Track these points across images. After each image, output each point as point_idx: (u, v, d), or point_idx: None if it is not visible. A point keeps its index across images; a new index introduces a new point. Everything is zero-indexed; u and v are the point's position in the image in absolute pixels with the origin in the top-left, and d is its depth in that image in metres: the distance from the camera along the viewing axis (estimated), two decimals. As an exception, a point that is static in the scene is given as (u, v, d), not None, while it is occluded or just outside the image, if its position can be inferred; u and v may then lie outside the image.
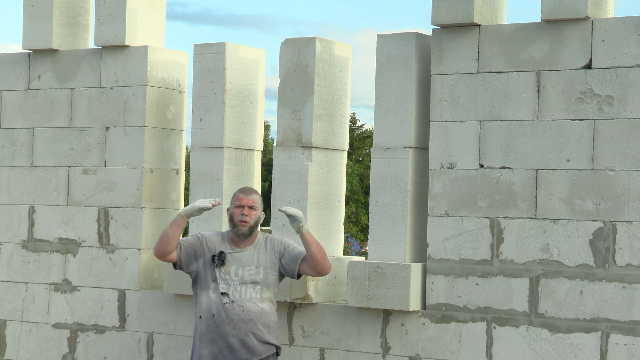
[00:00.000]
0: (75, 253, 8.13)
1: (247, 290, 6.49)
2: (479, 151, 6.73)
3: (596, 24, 6.44)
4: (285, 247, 6.62)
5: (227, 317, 6.44)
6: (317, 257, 6.51)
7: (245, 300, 6.46)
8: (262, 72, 7.90)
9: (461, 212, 6.76)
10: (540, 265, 6.54)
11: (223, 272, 6.50)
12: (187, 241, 6.61)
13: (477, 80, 6.75)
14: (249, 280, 6.49)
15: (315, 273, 6.59)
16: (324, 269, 6.57)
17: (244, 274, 6.50)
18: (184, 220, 6.53)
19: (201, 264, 6.56)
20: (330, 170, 7.44)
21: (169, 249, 6.54)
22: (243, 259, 6.53)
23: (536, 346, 6.54)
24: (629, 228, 6.32)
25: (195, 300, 6.61)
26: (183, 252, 6.58)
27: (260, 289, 6.50)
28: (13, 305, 8.40)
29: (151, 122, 7.94)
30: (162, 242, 6.53)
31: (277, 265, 6.58)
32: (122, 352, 7.94)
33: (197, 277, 6.60)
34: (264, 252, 6.57)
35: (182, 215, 6.53)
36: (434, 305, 6.84)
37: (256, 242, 6.60)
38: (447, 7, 6.75)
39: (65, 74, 8.24)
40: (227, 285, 6.48)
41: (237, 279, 6.48)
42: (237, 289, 6.48)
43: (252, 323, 6.46)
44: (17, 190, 8.40)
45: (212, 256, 6.54)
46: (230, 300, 6.45)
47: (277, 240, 6.65)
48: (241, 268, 6.50)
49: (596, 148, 6.41)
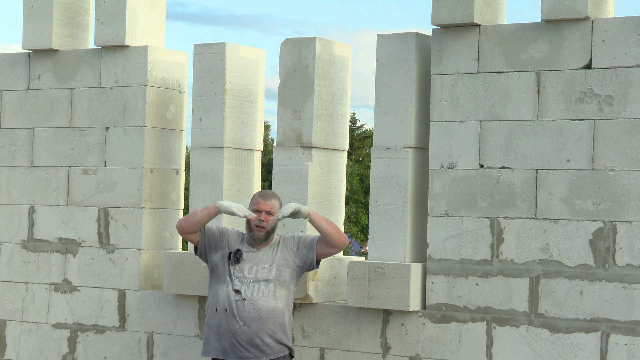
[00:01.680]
0: (75, 253, 8.13)
1: (260, 288, 6.48)
2: (479, 151, 6.73)
3: (596, 24, 6.44)
4: (298, 239, 6.63)
5: (238, 315, 6.44)
6: (330, 232, 6.50)
7: (257, 299, 6.46)
8: (262, 72, 7.90)
9: (461, 212, 6.76)
10: (540, 265, 6.54)
11: (237, 270, 6.51)
12: (211, 230, 6.67)
13: (477, 80, 6.75)
14: (262, 278, 6.49)
15: (333, 249, 6.57)
16: (342, 241, 6.56)
17: (258, 271, 6.50)
18: (216, 212, 6.57)
19: (219, 258, 6.59)
20: (330, 170, 7.44)
21: (191, 229, 6.63)
22: (258, 258, 6.55)
23: (536, 346, 6.54)
24: (629, 228, 6.32)
25: (210, 292, 6.61)
26: (205, 239, 6.65)
27: (273, 286, 6.49)
28: (13, 305, 8.40)
29: (151, 122, 7.94)
30: (187, 221, 6.63)
31: (292, 261, 6.56)
32: (122, 352, 7.94)
33: (214, 270, 6.61)
34: (279, 251, 6.58)
35: (218, 206, 6.56)
36: (434, 305, 6.84)
37: (272, 243, 6.63)
38: (447, 7, 6.75)
39: (65, 74, 8.24)
40: (241, 283, 6.48)
41: (250, 277, 6.49)
42: (250, 287, 6.47)
43: (263, 322, 6.44)
44: (17, 190, 8.40)
45: (229, 253, 6.56)
46: (242, 298, 6.45)
47: (289, 237, 6.67)
48: (255, 266, 6.51)
49: (596, 148, 6.41)
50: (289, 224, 7.17)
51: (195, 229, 6.63)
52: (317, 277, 7.20)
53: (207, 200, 7.57)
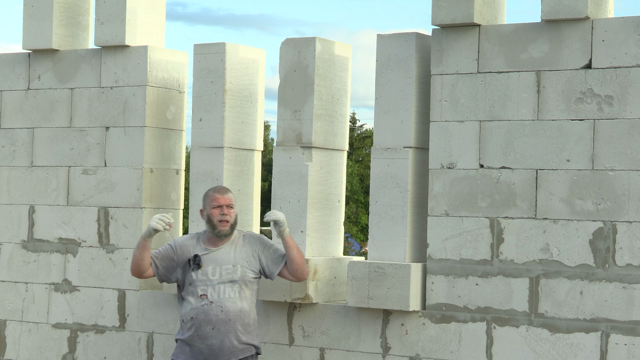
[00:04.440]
0: (75, 253, 8.13)
1: (226, 290, 6.45)
2: (479, 151, 6.73)
3: (596, 24, 6.44)
4: (265, 246, 6.60)
5: (206, 319, 6.41)
6: (297, 262, 6.53)
7: (224, 300, 6.43)
8: (262, 72, 7.90)
9: (461, 212, 6.76)
10: (540, 265, 6.54)
11: (201, 274, 6.46)
12: (161, 253, 6.60)
13: (477, 80, 6.75)
14: (227, 279, 6.45)
15: (293, 278, 6.60)
16: (303, 275, 6.61)
17: (222, 272, 6.46)
18: (148, 242, 6.52)
19: (181, 271, 6.54)
20: (330, 170, 7.44)
21: (143, 269, 6.59)
22: (219, 257, 6.49)
23: (536, 346, 6.54)
24: (629, 228, 6.32)
25: (180, 305, 6.59)
26: (160, 266, 6.59)
27: (239, 287, 6.47)
28: (13, 305, 8.40)
29: (151, 122, 7.94)
30: (134, 264, 6.60)
31: (256, 266, 6.54)
32: (122, 352, 7.94)
33: (179, 284, 6.59)
34: (241, 249, 6.54)
35: (144, 237, 6.52)
36: (434, 305, 6.84)
37: (232, 239, 6.56)
38: (447, 7, 6.75)
39: (65, 74, 8.24)
40: (206, 287, 6.44)
41: (215, 279, 6.45)
42: (216, 289, 6.44)
43: (232, 323, 6.43)
44: (17, 190, 8.40)
45: (188, 260, 6.51)
46: (209, 301, 6.42)
47: (255, 237, 6.62)
48: (218, 267, 6.46)
49: (596, 148, 6.41)
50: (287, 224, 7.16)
51: (145, 266, 6.57)
52: (317, 277, 7.20)
53: (207, 200, 7.57)
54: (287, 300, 7.19)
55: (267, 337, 7.37)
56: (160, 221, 6.45)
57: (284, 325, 7.31)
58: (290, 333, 7.30)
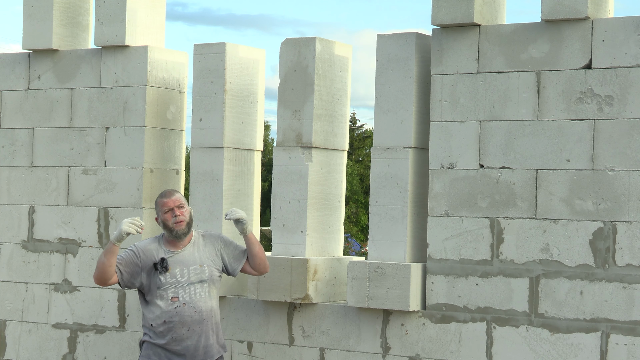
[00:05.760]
0: (75, 253, 8.13)
1: (197, 290, 6.42)
2: (479, 151, 6.74)
3: (596, 24, 6.44)
4: (225, 244, 6.59)
5: (180, 321, 6.35)
6: (260, 257, 6.55)
7: (196, 301, 6.39)
8: (262, 72, 7.90)
9: (461, 212, 6.76)
10: (540, 265, 6.54)
11: (169, 277, 6.39)
12: (124, 259, 6.44)
13: (477, 80, 6.75)
14: (196, 279, 6.41)
15: (256, 272, 6.62)
16: (265, 268, 6.63)
17: (190, 273, 6.42)
18: (117, 247, 6.33)
19: (145, 276, 6.43)
20: (330, 170, 7.44)
21: (108, 277, 6.39)
22: (184, 259, 6.44)
23: (536, 346, 6.54)
24: (629, 228, 6.32)
25: (145, 310, 6.47)
26: (124, 272, 6.43)
27: (208, 287, 6.44)
28: (13, 305, 8.40)
29: (151, 122, 7.94)
30: (100, 271, 6.38)
31: (219, 263, 6.53)
32: (122, 352, 7.94)
33: (144, 288, 6.47)
34: (203, 249, 6.51)
35: (114, 242, 6.32)
36: (434, 306, 6.84)
37: (193, 240, 6.51)
38: (447, 7, 6.75)
39: (65, 74, 8.24)
40: (176, 289, 6.38)
41: (184, 280, 6.39)
42: (187, 290, 6.40)
43: (205, 323, 6.40)
44: (17, 190, 8.40)
45: (154, 264, 6.42)
46: (182, 303, 6.37)
47: (214, 236, 6.60)
48: (186, 268, 6.41)
49: (596, 148, 6.41)
50: (288, 224, 7.16)
51: (111, 273, 6.38)
52: (317, 277, 7.20)
53: (207, 200, 7.57)
54: (287, 300, 7.19)
55: (267, 337, 7.37)
56: (132, 224, 6.32)
57: (284, 325, 7.31)
58: (290, 333, 7.30)
